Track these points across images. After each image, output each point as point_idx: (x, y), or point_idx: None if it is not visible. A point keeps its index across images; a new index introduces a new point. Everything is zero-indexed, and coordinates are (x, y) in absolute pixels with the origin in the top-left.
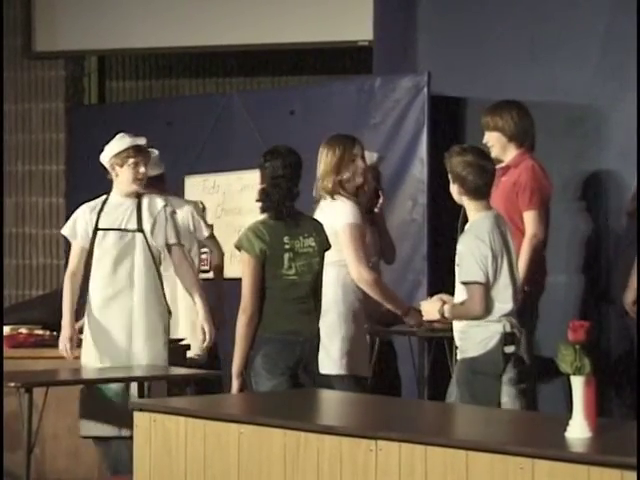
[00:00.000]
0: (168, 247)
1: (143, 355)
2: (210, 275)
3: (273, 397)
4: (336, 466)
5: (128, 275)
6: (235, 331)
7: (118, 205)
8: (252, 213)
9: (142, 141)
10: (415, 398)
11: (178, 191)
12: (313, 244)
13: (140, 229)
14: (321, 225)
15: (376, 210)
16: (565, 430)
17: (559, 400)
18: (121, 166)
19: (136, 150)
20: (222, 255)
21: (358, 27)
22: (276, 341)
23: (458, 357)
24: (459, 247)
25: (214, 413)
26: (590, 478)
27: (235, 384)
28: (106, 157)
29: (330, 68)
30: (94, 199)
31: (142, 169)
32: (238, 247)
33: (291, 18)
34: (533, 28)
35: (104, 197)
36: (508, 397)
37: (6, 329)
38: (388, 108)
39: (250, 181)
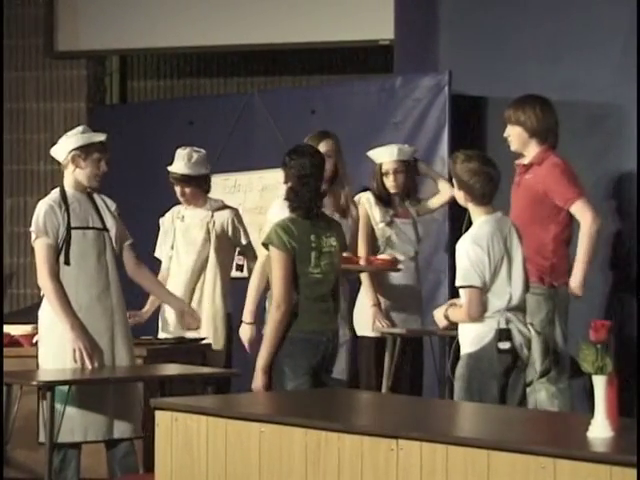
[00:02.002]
0: (127, 246)
1: (124, 356)
2: (245, 275)
3: (294, 396)
4: (357, 465)
5: (106, 274)
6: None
7: (77, 201)
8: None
9: (104, 137)
10: (436, 397)
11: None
12: (335, 244)
13: (105, 228)
14: (340, 226)
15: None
16: (587, 430)
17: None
18: (84, 160)
19: (101, 146)
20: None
21: (379, 26)
22: (300, 340)
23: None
24: (457, 251)
25: (235, 412)
26: (612, 478)
27: (259, 380)
28: (67, 148)
29: (351, 67)
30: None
31: (104, 167)
32: (266, 244)
33: (312, 17)
34: (554, 26)
35: (58, 191)
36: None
37: (27, 328)
38: (409, 107)
39: (271, 180)
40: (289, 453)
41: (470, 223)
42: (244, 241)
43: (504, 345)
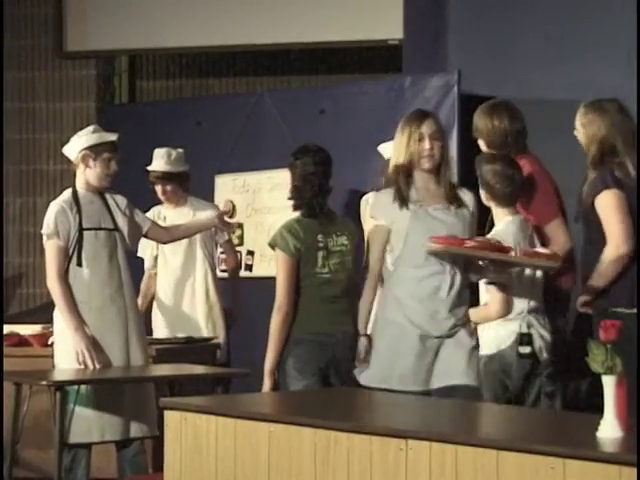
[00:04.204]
0: (151, 227)
1: (139, 356)
2: (226, 275)
3: (303, 396)
4: (366, 465)
5: (118, 275)
6: (255, 327)
7: (89, 202)
8: (282, 212)
9: (115, 137)
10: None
11: (208, 190)
12: (346, 242)
13: (117, 228)
14: (353, 224)
15: None
16: (596, 430)
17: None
18: (94, 159)
19: (112, 146)
20: (236, 258)
21: (388, 26)
22: (308, 342)
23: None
24: None
25: (244, 412)
26: (622, 478)
27: (267, 383)
28: (78, 148)
29: (360, 67)
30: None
31: (114, 166)
32: (272, 245)
33: (321, 17)
34: (562, 27)
35: (70, 192)
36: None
37: (37, 327)
38: (418, 107)
39: (280, 180)
40: (298, 453)
41: (492, 224)
42: (225, 238)
43: (525, 349)
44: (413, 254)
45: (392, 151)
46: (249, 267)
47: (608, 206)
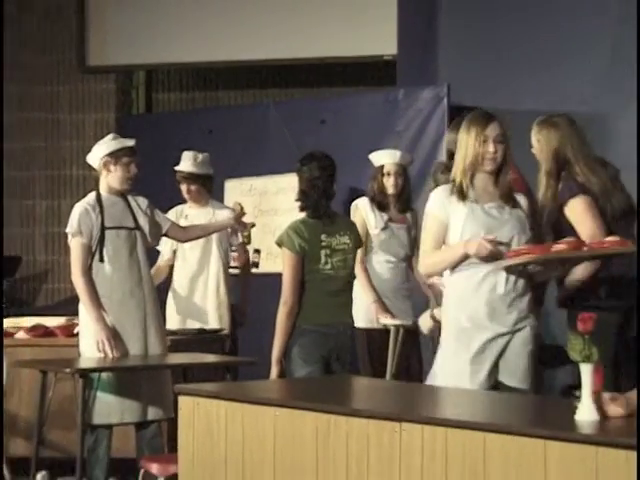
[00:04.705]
0: (170, 226)
1: (157, 345)
2: (237, 271)
3: (306, 383)
4: (363, 446)
5: (138, 270)
6: (263, 319)
7: (112, 203)
8: (287, 214)
9: (133, 142)
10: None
11: (218, 194)
12: (348, 241)
13: (138, 227)
14: (354, 224)
15: None
16: (574, 414)
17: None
18: (115, 164)
19: (130, 151)
20: (247, 257)
21: (384, 43)
22: (312, 332)
23: None
24: None
25: (252, 397)
26: (598, 458)
27: (274, 370)
28: (99, 155)
29: (358, 80)
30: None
31: (134, 169)
32: (279, 244)
33: (323, 34)
34: (544, 40)
35: (94, 195)
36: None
37: (61, 320)
38: (411, 117)
39: (285, 184)
40: (301, 435)
41: None
42: (239, 240)
43: None
44: None
45: (457, 149)
46: (256, 264)
47: (579, 210)
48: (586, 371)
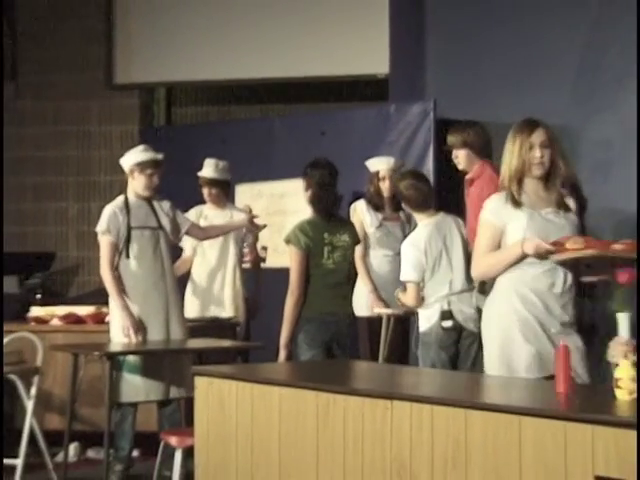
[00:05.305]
0: (190, 227)
1: (178, 331)
2: (248, 266)
3: (308, 366)
4: (359, 421)
5: (161, 265)
6: (271, 309)
7: (138, 206)
8: (292, 215)
9: (160, 156)
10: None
11: (230, 197)
12: (347, 239)
13: (160, 227)
14: (352, 223)
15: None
16: (548, 392)
17: None
18: (140, 173)
19: (155, 164)
20: (257, 253)
21: (377, 62)
22: (316, 320)
23: None
24: (401, 251)
25: (260, 378)
26: (567, 433)
27: (282, 354)
28: (129, 162)
29: (354, 96)
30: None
31: (156, 180)
32: (287, 241)
33: (323, 55)
34: (519, 55)
35: (122, 198)
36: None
37: (91, 308)
38: (401, 129)
39: (289, 189)
40: (304, 411)
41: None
42: (251, 239)
43: (446, 323)
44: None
45: (504, 158)
46: (263, 260)
47: None
48: (623, 320)
